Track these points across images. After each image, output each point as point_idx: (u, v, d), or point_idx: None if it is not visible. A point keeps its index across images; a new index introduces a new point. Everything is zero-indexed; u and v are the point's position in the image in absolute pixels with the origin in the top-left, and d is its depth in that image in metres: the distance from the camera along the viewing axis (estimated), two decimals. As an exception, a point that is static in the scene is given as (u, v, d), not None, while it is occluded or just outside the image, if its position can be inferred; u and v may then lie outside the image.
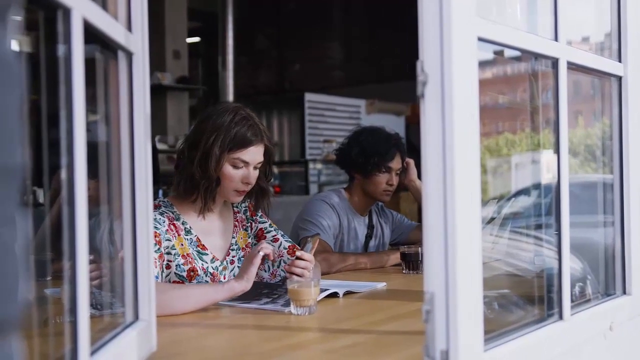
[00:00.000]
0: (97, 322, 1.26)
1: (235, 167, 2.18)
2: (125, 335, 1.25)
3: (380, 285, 2.33)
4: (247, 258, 2.01)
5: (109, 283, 1.47)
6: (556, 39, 1.49)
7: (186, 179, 2.18)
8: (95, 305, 1.35)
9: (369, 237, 3.10)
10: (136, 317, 1.35)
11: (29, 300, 0.56)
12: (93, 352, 1.07)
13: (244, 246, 2.34)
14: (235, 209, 2.38)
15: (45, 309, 1.45)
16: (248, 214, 2.39)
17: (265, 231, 2.38)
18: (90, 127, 1.11)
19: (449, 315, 1.15)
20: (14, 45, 0.58)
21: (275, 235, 2.37)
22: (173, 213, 2.20)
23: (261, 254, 1.96)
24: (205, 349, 1.59)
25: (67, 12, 0.97)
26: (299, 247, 2.29)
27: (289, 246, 2.34)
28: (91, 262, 1.30)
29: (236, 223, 2.35)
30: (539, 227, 1.96)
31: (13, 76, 0.56)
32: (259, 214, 2.41)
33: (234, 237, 2.32)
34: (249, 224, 2.39)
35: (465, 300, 1.15)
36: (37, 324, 1.19)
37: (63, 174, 0.99)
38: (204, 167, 2.14)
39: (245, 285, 1.93)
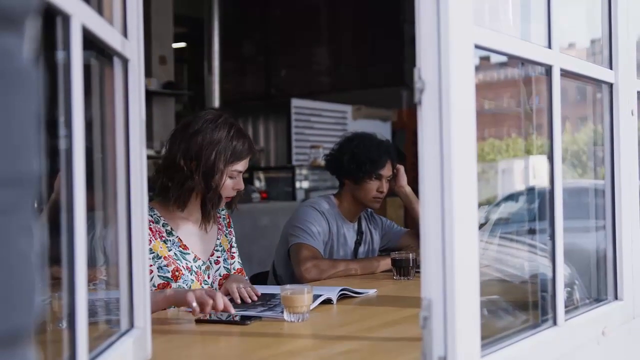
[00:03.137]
0: (92, 330, 1.25)
1: (231, 177, 2.27)
2: (122, 343, 1.25)
3: (372, 292, 2.34)
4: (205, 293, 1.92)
5: (103, 289, 1.46)
6: (549, 46, 1.50)
7: (185, 192, 2.24)
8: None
9: (358, 243, 3.10)
10: (131, 324, 1.34)
11: (44, 309, 0.56)
12: (90, 361, 1.06)
13: (227, 249, 2.44)
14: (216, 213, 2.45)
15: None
16: (226, 222, 2.49)
17: (231, 246, 2.49)
18: (85, 133, 1.10)
19: (447, 322, 1.15)
20: (30, 55, 0.58)
21: (235, 253, 2.49)
22: (152, 216, 2.25)
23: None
24: (199, 356, 1.59)
25: (66, 18, 0.97)
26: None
27: (238, 268, 2.46)
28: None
29: (219, 226, 2.44)
30: (528, 232, 1.97)
31: (31, 86, 0.56)
32: (231, 227, 2.52)
33: (218, 239, 2.41)
34: (228, 231, 2.49)
35: (463, 306, 1.15)
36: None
37: (62, 180, 0.98)
38: (208, 182, 2.22)
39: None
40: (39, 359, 0.60)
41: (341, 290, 2.18)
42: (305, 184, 7.38)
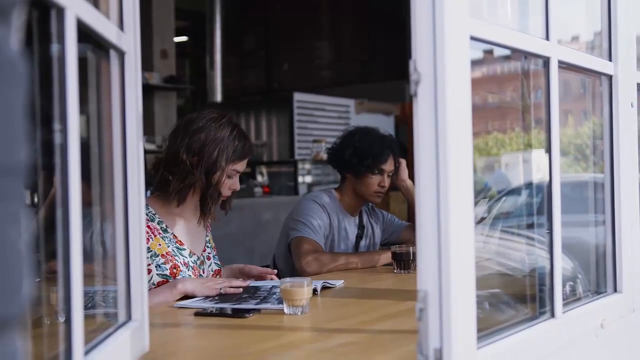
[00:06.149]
0: (89, 322, 1.26)
1: (229, 176, 2.30)
2: (119, 336, 1.25)
3: (340, 283, 2.36)
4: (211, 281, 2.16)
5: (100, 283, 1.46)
6: (547, 38, 1.50)
7: (186, 187, 2.26)
8: (85, 305, 1.35)
9: (359, 237, 3.10)
10: (129, 317, 1.34)
11: (32, 298, 0.56)
12: (87, 352, 1.07)
13: (214, 246, 2.48)
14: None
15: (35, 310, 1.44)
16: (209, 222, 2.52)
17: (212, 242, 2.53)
18: (82, 128, 1.10)
19: (443, 314, 1.15)
20: (18, 45, 0.58)
21: (215, 252, 2.50)
22: (147, 214, 2.26)
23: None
24: (197, 349, 1.59)
25: (60, 11, 0.96)
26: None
27: (216, 269, 2.45)
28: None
29: (208, 224, 2.47)
30: (529, 226, 1.97)
31: (18, 76, 0.56)
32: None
33: (207, 236, 2.45)
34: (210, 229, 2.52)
35: (459, 298, 1.15)
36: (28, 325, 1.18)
37: (57, 175, 0.98)
38: (208, 178, 2.25)
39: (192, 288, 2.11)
40: (28, 347, 0.60)
41: (323, 283, 2.23)
42: (308, 179, 7.38)
